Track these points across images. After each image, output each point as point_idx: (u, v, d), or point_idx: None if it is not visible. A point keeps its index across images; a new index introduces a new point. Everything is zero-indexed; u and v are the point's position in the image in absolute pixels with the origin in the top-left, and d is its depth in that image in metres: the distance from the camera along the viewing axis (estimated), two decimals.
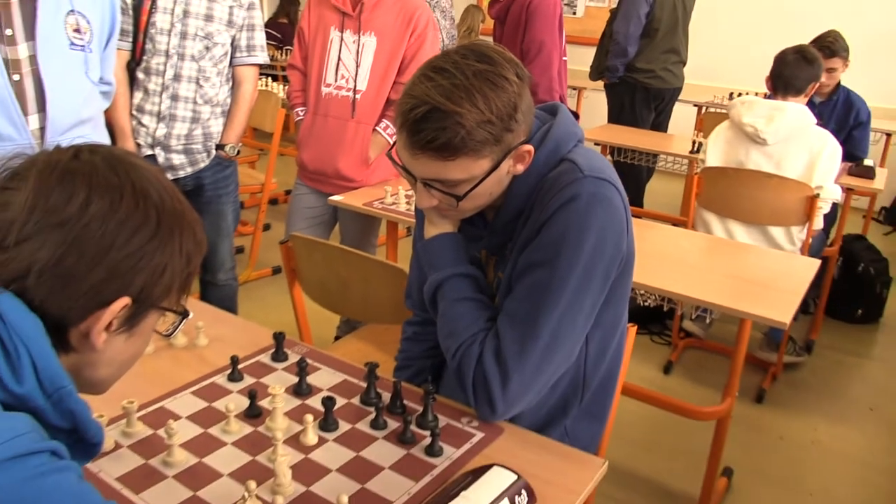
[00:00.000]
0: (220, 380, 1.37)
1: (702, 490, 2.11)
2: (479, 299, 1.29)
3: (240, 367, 1.39)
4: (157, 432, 1.19)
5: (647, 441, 2.60)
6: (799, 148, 2.73)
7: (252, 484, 1.00)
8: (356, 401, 1.32)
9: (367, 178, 2.73)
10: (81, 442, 0.76)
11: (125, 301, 0.73)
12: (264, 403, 1.26)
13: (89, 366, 0.77)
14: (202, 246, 0.83)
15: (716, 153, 2.92)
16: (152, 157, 2.45)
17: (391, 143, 1.21)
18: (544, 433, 1.30)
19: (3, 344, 0.67)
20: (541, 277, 1.20)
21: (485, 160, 1.15)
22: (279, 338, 1.46)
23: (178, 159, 2.48)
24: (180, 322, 0.87)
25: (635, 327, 1.49)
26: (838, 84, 3.53)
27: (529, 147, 1.20)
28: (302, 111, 2.73)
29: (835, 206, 3.01)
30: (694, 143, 3.80)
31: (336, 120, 2.63)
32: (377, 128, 2.63)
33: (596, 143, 3.99)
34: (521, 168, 1.22)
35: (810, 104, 2.87)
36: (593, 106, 5.84)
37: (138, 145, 2.45)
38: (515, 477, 1.04)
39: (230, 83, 2.57)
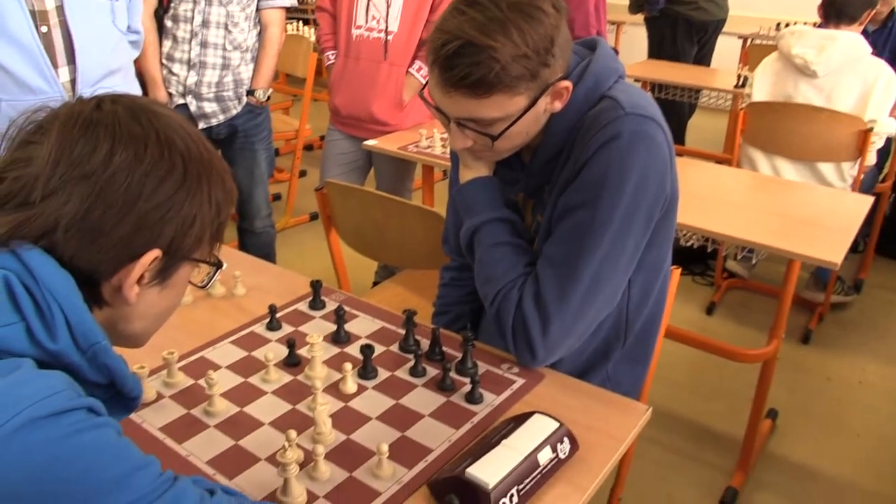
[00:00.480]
0: (259, 329, 1.37)
1: (746, 432, 2.09)
2: (516, 244, 1.26)
3: (278, 315, 1.39)
4: (197, 382, 1.20)
5: (689, 383, 2.58)
6: (852, 79, 2.60)
7: (292, 433, 0.99)
8: (395, 348, 1.31)
9: (401, 121, 2.68)
10: (120, 396, 0.76)
11: (155, 254, 0.71)
12: (303, 352, 1.26)
13: (123, 319, 0.76)
14: (232, 195, 0.80)
15: (762, 87, 2.80)
16: (184, 106, 2.44)
17: (425, 84, 1.16)
18: (585, 378, 1.28)
19: (35, 301, 0.66)
20: (581, 219, 1.16)
21: (520, 97, 1.10)
22: (316, 286, 1.45)
23: (209, 107, 2.46)
24: (214, 273, 0.85)
25: (679, 270, 1.45)
26: (893, 10, 3.34)
27: (567, 83, 1.14)
28: (333, 55, 2.68)
29: (888, 139, 2.88)
30: (739, 77, 3.66)
31: (368, 63, 2.58)
32: (410, 69, 2.57)
33: (636, 80, 3.87)
34: (558, 105, 1.17)
35: (863, 33, 2.72)
36: (633, 41, 5.64)
37: (170, 94, 2.44)
38: (557, 424, 1.02)
39: (258, 28, 2.52)
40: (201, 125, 2.46)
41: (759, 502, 2.06)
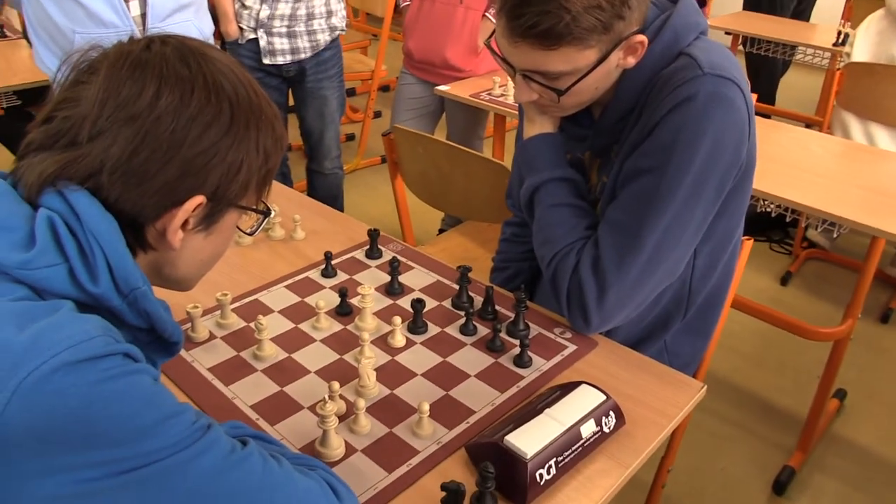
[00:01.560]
0: (314, 275, 1.37)
1: (810, 410, 2.00)
2: (577, 205, 1.21)
3: (334, 262, 1.38)
4: (249, 325, 1.21)
5: (755, 354, 2.48)
6: None
7: (335, 385, 0.99)
8: (447, 304, 1.29)
9: (475, 67, 2.62)
10: (161, 340, 0.76)
11: (199, 200, 0.70)
12: (355, 302, 1.25)
13: (168, 264, 0.76)
14: (282, 142, 0.78)
15: (864, 46, 2.60)
16: (255, 41, 2.43)
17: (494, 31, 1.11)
18: (641, 347, 1.24)
19: (79, 244, 0.66)
20: (648, 184, 1.10)
21: (591, 50, 1.03)
22: (373, 235, 1.43)
23: (279, 43, 2.44)
24: (262, 221, 0.83)
25: (751, 241, 1.37)
26: None
27: (643, 37, 1.07)
28: None
29: None
30: (839, 34, 3.41)
31: (444, 6, 2.51)
32: (487, 14, 2.49)
33: (727, 33, 3.66)
34: (632, 61, 1.09)
35: None
36: None
37: (241, 29, 2.42)
38: (604, 397, 0.99)
39: None
40: (266, 61, 2.45)
41: (816, 484, 1.99)
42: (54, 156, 0.67)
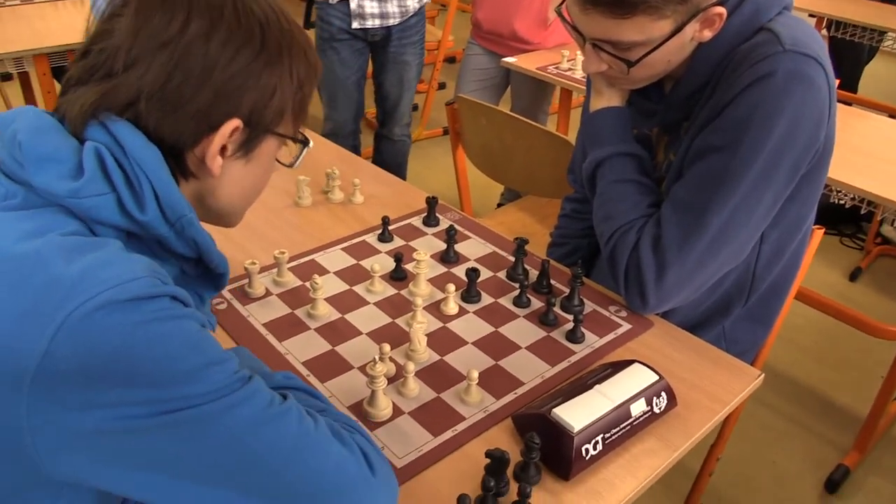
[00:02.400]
0: (371, 239, 1.37)
1: (871, 410, 1.93)
2: (641, 182, 1.19)
3: (391, 227, 1.39)
4: (305, 284, 1.22)
5: (816, 349, 2.41)
6: None
7: (386, 346, 1.00)
8: (502, 275, 1.28)
9: (544, 40, 2.58)
10: (208, 272, 0.78)
11: (235, 123, 0.71)
12: (409, 267, 1.25)
13: (210, 193, 0.76)
14: (316, 70, 0.78)
15: None
16: (345, 3, 2.42)
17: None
18: (699, 332, 1.21)
19: (125, 174, 0.68)
20: (717, 163, 1.07)
21: (665, 21, 1.00)
22: (432, 202, 1.43)
23: (370, 7, 2.44)
24: (302, 151, 0.84)
25: (822, 230, 1.32)
26: None
27: (721, 10, 1.03)
28: None
29: None
30: None
31: None
32: None
33: (811, 15, 3.51)
34: (708, 34, 1.06)
35: None
36: None
37: None
38: (657, 377, 0.97)
39: None
40: (355, 25, 2.45)
41: (871, 486, 1.93)
42: (92, 88, 0.68)
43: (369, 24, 2.47)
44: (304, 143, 0.82)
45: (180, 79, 0.68)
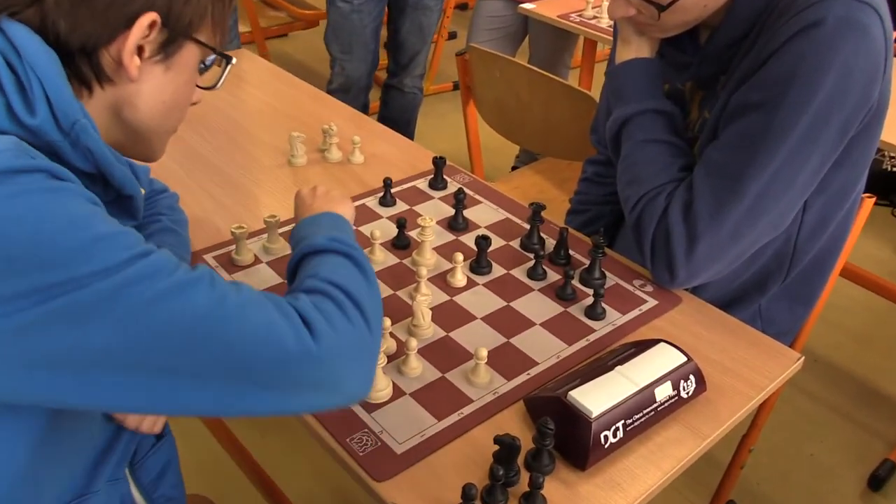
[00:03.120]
0: (371, 202, 1.37)
1: None
2: (672, 143, 1.18)
3: (394, 190, 1.39)
4: None
5: (863, 332, 2.41)
6: None
7: (386, 321, 1.00)
8: (515, 244, 1.28)
9: None
10: (120, 199, 0.78)
11: (152, 16, 0.72)
12: (413, 234, 1.25)
13: (129, 104, 0.77)
14: None
15: None
16: None
17: None
18: (732, 310, 1.21)
19: (17, 78, 0.68)
20: (757, 122, 1.06)
21: None
22: (439, 162, 1.42)
23: None
24: (225, 69, 0.85)
25: (872, 199, 1.31)
26: None
27: None
28: None
29: None
30: None
31: None
32: None
33: None
34: None
35: None
36: None
37: None
38: (685, 359, 0.97)
39: None
40: None
41: None
42: None
43: None
44: (228, 59, 0.83)
45: None
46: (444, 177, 1.44)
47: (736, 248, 1.11)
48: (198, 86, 0.84)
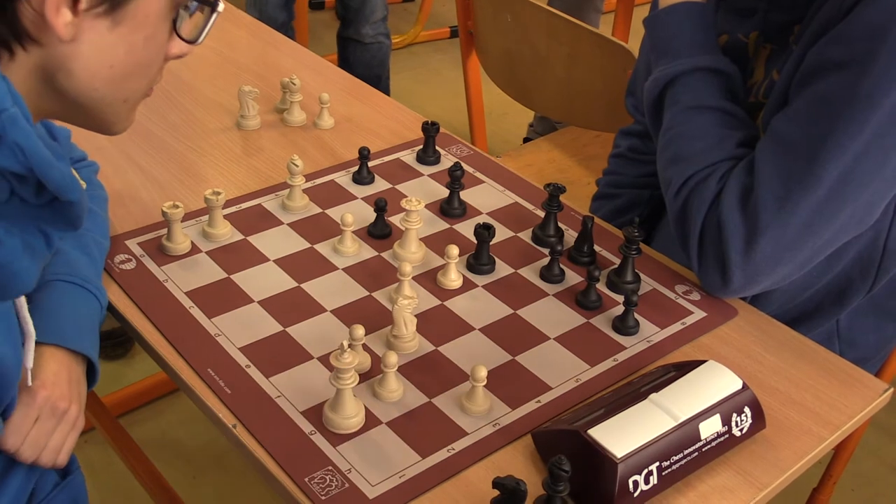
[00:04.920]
0: (343, 179, 1.39)
1: None
2: (728, 111, 1.20)
3: (371, 164, 1.40)
4: (247, 238, 1.24)
5: None
6: None
7: (359, 330, 1.01)
8: (525, 236, 1.29)
9: None
10: (56, 202, 0.76)
11: None
12: (396, 221, 1.26)
13: (62, 69, 0.76)
14: None
15: None
16: None
17: None
18: (802, 326, 1.23)
19: None
20: (839, 86, 1.08)
21: None
22: (430, 129, 1.44)
23: None
24: (210, 18, 0.84)
25: None
26: None
27: None
28: None
29: None
30: None
31: None
32: None
33: None
34: None
35: None
36: None
37: None
38: (740, 385, 0.98)
39: None
40: None
41: None
42: None
43: None
44: (211, 5, 0.82)
45: None
46: (437, 148, 1.45)
47: (809, 247, 1.13)
48: (178, 35, 0.82)
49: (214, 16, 0.83)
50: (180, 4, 0.79)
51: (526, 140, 2.98)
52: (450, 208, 1.33)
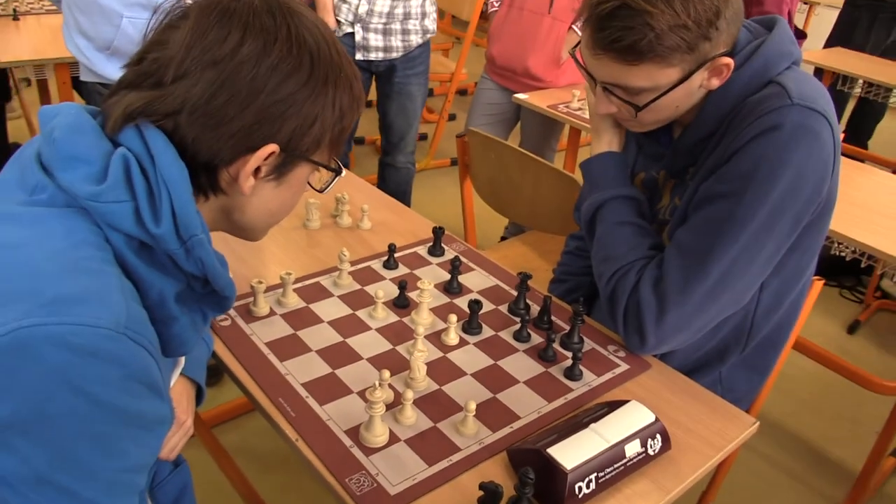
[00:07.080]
0: (376, 265, 1.39)
1: (864, 466, 1.93)
2: (640, 225, 1.21)
3: (396, 255, 1.40)
4: (308, 306, 1.24)
5: (812, 401, 2.41)
6: None
7: (386, 373, 1.01)
8: (504, 308, 1.29)
9: (556, 78, 2.61)
10: (214, 293, 0.78)
11: (272, 148, 0.72)
12: (413, 296, 1.27)
13: (238, 209, 0.78)
14: (359, 102, 0.79)
15: None
16: (350, 35, 2.47)
17: (578, 42, 1.11)
18: (695, 376, 1.21)
19: (149, 185, 0.69)
20: (721, 210, 1.09)
21: (673, 69, 1.03)
22: (438, 232, 1.45)
23: (374, 40, 2.48)
24: (333, 179, 0.85)
25: (822, 281, 1.33)
26: None
27: (729, 60, 1.05)
28: (497, 2, 2.63)
29: None
30: None
31: (532, 14, 2.51)
32: (573, 26, 2.49)
33: (817, 69, 3.56)
34: (716, 83, 1.08)
35: None
36: (825, 24, 5.19)
37: (339, 22, 2.47)
38: (653, 419, 0.98)
39: None
40: (359, 56, 2.50)
41: None
42: (140, 93, 0.70)
43: (373, 56, 2.52)
44: (337, 171, 0.82)
45: (226, 97, 0.69)
46: (442, 245, 1.46)
47: (701, 320, 1.13)
48: (308, 183, 0.83)
49: (337, 178, 0.84)
50: (316, 169, 0.80)
51: (503, 239, 2.99)
52: (451, 287, 1.33)
